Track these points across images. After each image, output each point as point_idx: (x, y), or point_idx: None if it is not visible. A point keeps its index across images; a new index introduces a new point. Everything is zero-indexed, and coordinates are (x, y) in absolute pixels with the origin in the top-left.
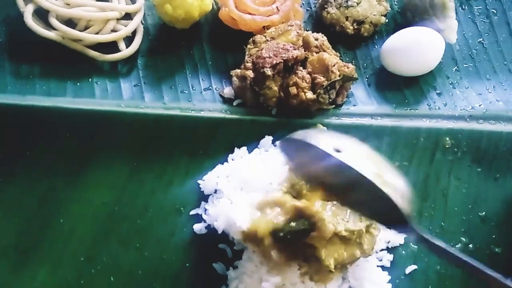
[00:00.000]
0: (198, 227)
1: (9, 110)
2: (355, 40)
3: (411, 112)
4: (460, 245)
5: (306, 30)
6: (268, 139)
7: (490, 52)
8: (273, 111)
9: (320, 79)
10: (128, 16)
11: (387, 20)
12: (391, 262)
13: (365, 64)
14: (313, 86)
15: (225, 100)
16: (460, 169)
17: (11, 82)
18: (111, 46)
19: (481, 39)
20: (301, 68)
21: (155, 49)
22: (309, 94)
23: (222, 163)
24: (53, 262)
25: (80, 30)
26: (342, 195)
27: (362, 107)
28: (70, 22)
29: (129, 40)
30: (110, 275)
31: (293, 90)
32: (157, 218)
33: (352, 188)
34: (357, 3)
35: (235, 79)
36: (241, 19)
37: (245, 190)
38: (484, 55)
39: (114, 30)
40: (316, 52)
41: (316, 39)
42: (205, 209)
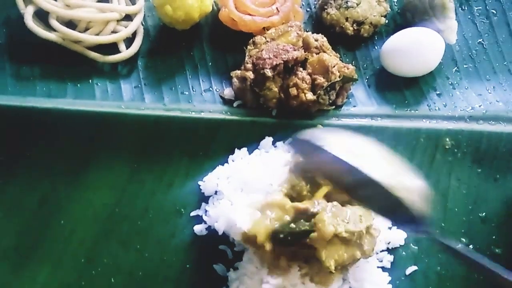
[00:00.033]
0: (199, 228)
1: (10, 112)
2: (355, 41)
3: (411, 113)
4: (460, 246)
5: (306, 31)
6: (269, 140)
7: (490, 53)
8: (273, 112)
9: (320, 80)
10: (128, 18)
11: (387, 21)
12: (392, 263)
13: (365, 65)
14: (313, 87)
15: (225, 101)
16: (460, 170)
17: (12, 84)
18: (111, 48)
19: (481, 40)
20: (301, 69)
21: (155, 50)
22: (309, 95)
23: (223, 164)
24: (54, 263)
25: (80, 32)
26: (352, 192)
27: (362, 108)
28: (71, 24)
29: (129, 42)
30: (111, 276)
31: (293, 91)
32: (158, 219)
33: (363, 187)
34: (357, 4)
35: (235, 80)
36: (241, 20)
37: (246, 191)
38: (484, 56)
39: (114, 32)
40: (316, 53)
41: (316, 40)
42: (206, 210)
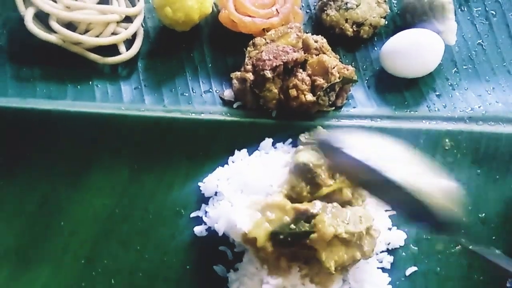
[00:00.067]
0: (199, 229)
1: (10, 113)
2: (355, 42)
3: (411, 114)
4: (460, 247)
5: (306, 33)
6: (268, 141)
7: (490, 54)
8: (273, 113)
9: (320, 81)
10: (128, 19)
11: (387, 22)
12: (391, 264)
13: (365, 66)
14: (313, 88)
15: (225, 103)
16: (460, 171)
17: (12, 85)
18: (112, 49)
19: (480, 41)
20: (301, 71)
21: (155, 52)
22: (309, 96)
23: (223, 166)
24: (54, 264)
25: (81, 33)
26: (377, 194)
27: (362, 109)
28: (71, 25)
29: (129, 43)
30: (111, 278)
31: (293, 92)
32: (158, 221)
33: (387, 190)
34: (357, 5)
35: (235, 82)
36: (241, 22)
37: (246, 192)
38: (483, 57)
39: (114, 33)
40: (316, 54)
41: (316, 41)
42: (206, 212)
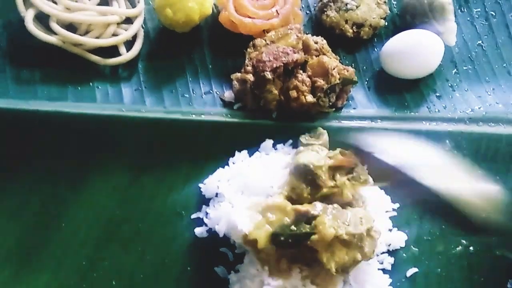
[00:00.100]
0: (199, 231)
1: (11, 115)
2: (355, 43)
3: (411, 115)
4: (461, 248)
5: (306, 34)
6: (269, 143)
7: (490, 55)
8: (274, 115)
9: (320, 83)
10: (129, 20)
11: (387, 23)
12: (392, 265)
13: (365, 67)
14: (313, 90)
15: (226, 104)
16: None
17: (13, 87)
18: (112, 51)
19: (480, 42)
20: (301, 72)
21: (156, 53)
22: (309, 98)
23: (223, 167)
24: (55, 266)
25: (81, 35)
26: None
27: (362, 110)
28: (71, 27)
29: (130, 44)
30: (112, 279)
31: (293, 94)
32: (158, 222)
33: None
34: (357, 7)
35: (236, 83)
36: (241, 23)
37: (246, 194)
38: (484, 58)
39: (115, 34)
40: (316, 56)
41: (316, 43)
42: (206, 213)
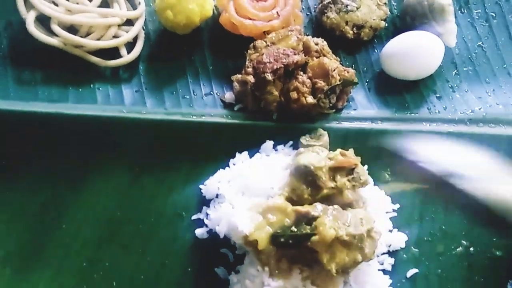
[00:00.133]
0: (200, 232)
1: (12, 116)
2: (355, 45)
3: (411, 116)
4: (461, 248)
5: (306, 35)
6: (269, 144)
7: (490, 56)
8: (274, 116)
9: (321, 84)
10: (130, 22)
11: (387, 25)
12: (392, 266)
13: (365, 69)
14: (314, 91)
15: (226, 105)
16: None
17: (14, 89)
18: (113, 52)
19: (481, 43)
20: (302, 73)
21: (156, 55)
22: (310, 99)
23: (224, 168)
24: (55, 267)
25: (82, 36)
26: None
27: (363, 111)
28: (72, 29)
29: (131, 46)
30: (112, 280)
31: (294, 95)
32: (159, 223)
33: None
34: (357, 8)
35: (236, 84)
36: (242, 24)
37: (247, 195)
38: (484, 59)
39: (116, 36)
40: (316, 57)
41: (316, 44)
42: (207, 214)
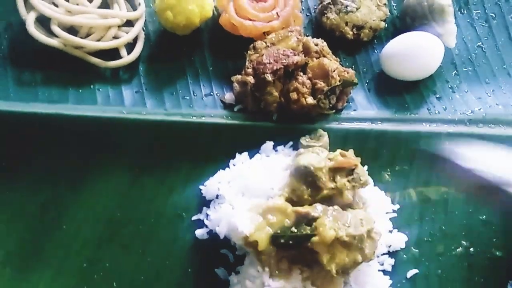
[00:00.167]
0: (200, 233)
1: (12, 117)
2: (355, 45)
3: (411, 117)
4: (461, 249)
5: (306, 36)
6: (269, 144)
7: (489, 56)
8: (274, 117)
9: (321, 85)
10: (130, 23)
11: (387, 25)
12: (393, 266)
13: (365, 69)
14: (314, 92)
15: (226, 106)
16: None
17: (14, 89)
18: (113, 53)
19: (480, 43)
20: (302, 74)
21: (156, 56)
22: (310, 100)
23: (224, 169)
24: (56, 268)
25: (82, 37)
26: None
27: (362, 112)
28: (72, 30)
29: (131, 47)
30: (113, 281)
31: (294, 96)
32: (159, 224)
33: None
34: (357, 9)
35: (236, 85)
36: (242, 25)
37: (247, 195)
38: (483, 59)
39: (116, 37)
40: (316, 58)
41: (316, 45)
42: (207, 215)
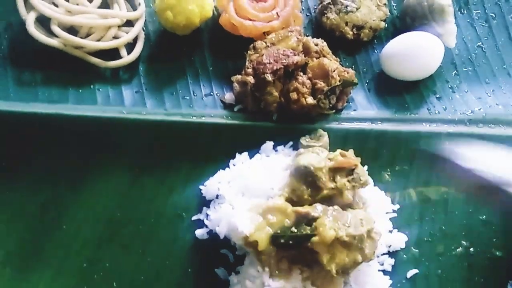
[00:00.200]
0: (200, 233)
1: (12, 117)
2: (355, 45)
3: (411, 117)
4: (461, 249)
5: (306, 36)
6: (269, 144)
7: (489, 56)
8: (274, 117)
9: (321, 85)
10: (130, 23)
11: (387, 25)
12: (393, 266)
13: (365, 69)
14: (314, 92)
15: (226, 106)
16: None
17: (14, 90)
18: (113, 53)
19: (480, 43)
20: (302, 74)
21: (156, 56)
22: (310, 100)
23: (224, 169)
24: (56, 268)
25: (82, 37)
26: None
27: (362, 112)
28: (72, 30)
29: (131, 47)
30: (113, 281)
31: (294, 96)
32: (159, 224)
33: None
34: (357, 9)
35: (236, 85)
36: (242, 25)
37: (247, 195)
38: (483, 59)
39: (116, 37)
40: (316, 58)
41: (316, 45)
42: (207, 215)
